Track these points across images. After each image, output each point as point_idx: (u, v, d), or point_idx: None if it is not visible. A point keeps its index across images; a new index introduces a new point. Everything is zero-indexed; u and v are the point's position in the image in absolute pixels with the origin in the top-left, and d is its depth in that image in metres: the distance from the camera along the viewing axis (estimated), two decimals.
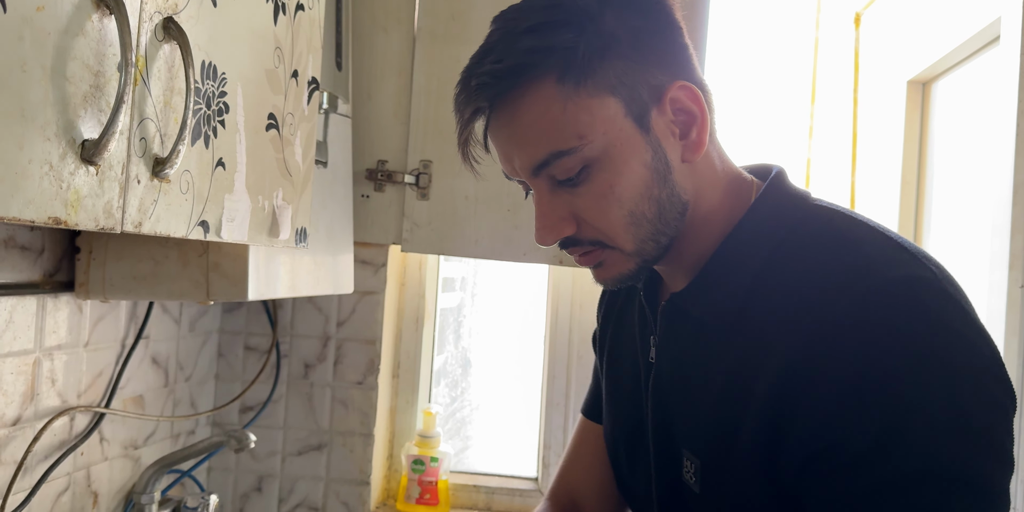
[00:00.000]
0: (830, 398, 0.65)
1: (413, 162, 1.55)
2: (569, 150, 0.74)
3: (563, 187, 0.76)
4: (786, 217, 0.76)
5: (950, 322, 0.65)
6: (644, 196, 0.75)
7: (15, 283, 1.07)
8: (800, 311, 0.69)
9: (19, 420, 1.10)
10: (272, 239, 0.98)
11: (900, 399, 0.63)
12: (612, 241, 0.77)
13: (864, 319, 0.65)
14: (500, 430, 1.89)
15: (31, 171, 0.58)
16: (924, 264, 0.70)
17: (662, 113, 0.76)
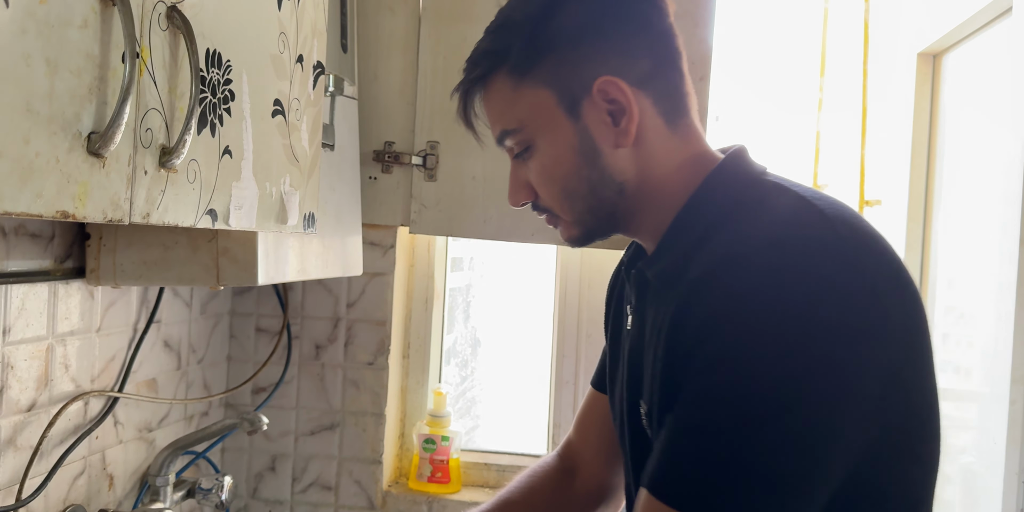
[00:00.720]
0: (680, 351, 0.74)
1: (420, 143, 1.55)
2: (512, 131, 0.88)
3: (519, 160, 0.91)
4: (733, 190, 0.83)
5: (784, 284, 0.70)
6: (574, 176, 0.86)
7: (27, 271, 1.08)
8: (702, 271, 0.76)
9: (34, 405, 1.11)
10: (280, 225, 0.98)
11: (708, 356, 0.71)
12: (556, 211, 0.90)
13: (716, 269, 0.74)
14: (510, 409, 1.90)
15: (38, 165, 0.58)
16: (823, 223, 0.75)
17: (593, 104, 0.85)
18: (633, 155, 0.86)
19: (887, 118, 2.40)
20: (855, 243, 0.74)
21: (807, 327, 0.69)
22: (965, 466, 1.88)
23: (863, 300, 0.71)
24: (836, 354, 0.69)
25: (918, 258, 2.15)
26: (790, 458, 0.69)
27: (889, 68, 2.38)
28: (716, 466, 0.70)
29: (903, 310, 0.74)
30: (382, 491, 1.63)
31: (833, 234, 0.74)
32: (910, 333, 0.75)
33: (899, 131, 2.23)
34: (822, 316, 0.69)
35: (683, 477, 0.71)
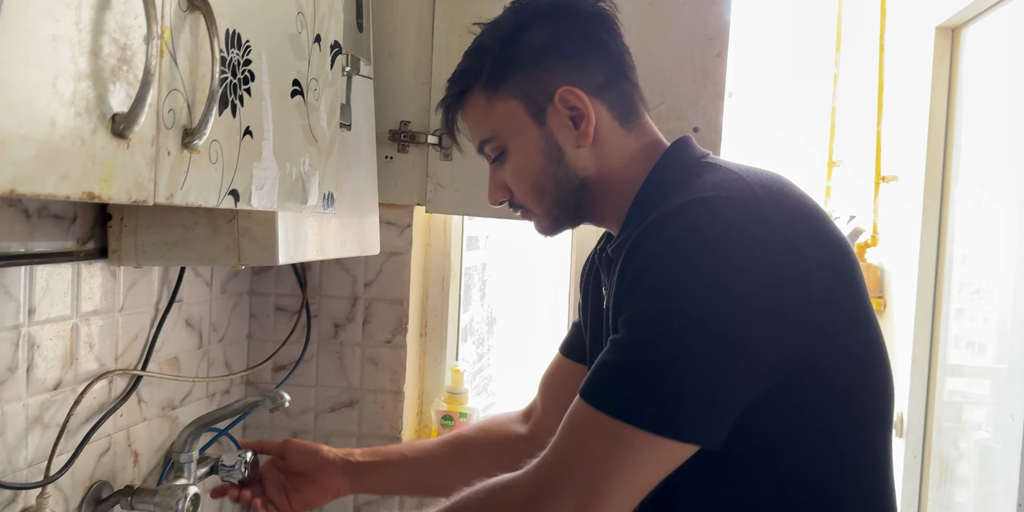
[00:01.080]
0: (622, 292, 0.87)
1: (436, 122, 1.55)
2: (488, 139, 1.03)
3: (496, 164, 1.05)
4: (677, 171, 0.96)
5: (711, 232, 0.83)
6: (541, 174, 1.00)
7: (50, 252, 1.09)
8: None
9: (60, 384, 1.13)
10: (300, 205, 0.99)
11: (640, 290, 0.84)
12: (528, 206, 1.05)
13: (651, 224, 0.86)
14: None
15: (64, 147, 0.59)
16: (744, 187, 0.87)
17: (556, 111, 0.99)
18: (593, 153, 1.00)
19: (904, 93, 2.38)
20: (769, 202, 0.86)
21: (720, 267, 0.81)
22: (980, 442, 1.88)
23: (771, 247, 0.83)
24: (745, 291, 0.81)
25: (935, 234, 2.14)
26: (695, 371, 0.80)
27: (906, 42, 2.36)
28: (633, 373, 0.82)
29: (818, 261, 0.85)
30: None
31: (751, 194, 0.86)
32: (827, 281, 0.85)
33: (916, 106, 2.21)
34: (733, 257, 0.81)
35: (605, 382, 0.84)
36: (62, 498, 1.15)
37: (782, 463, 0.88)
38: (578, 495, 0.81)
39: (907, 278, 2.24)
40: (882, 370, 0.92)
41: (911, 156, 2.27)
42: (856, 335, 0.89)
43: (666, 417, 0.81)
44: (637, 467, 0.81)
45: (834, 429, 0.88)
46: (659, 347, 0.82)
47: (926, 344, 2.16)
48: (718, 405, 0.82)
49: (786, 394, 0.85)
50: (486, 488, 0.91)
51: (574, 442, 0.84)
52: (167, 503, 1.19)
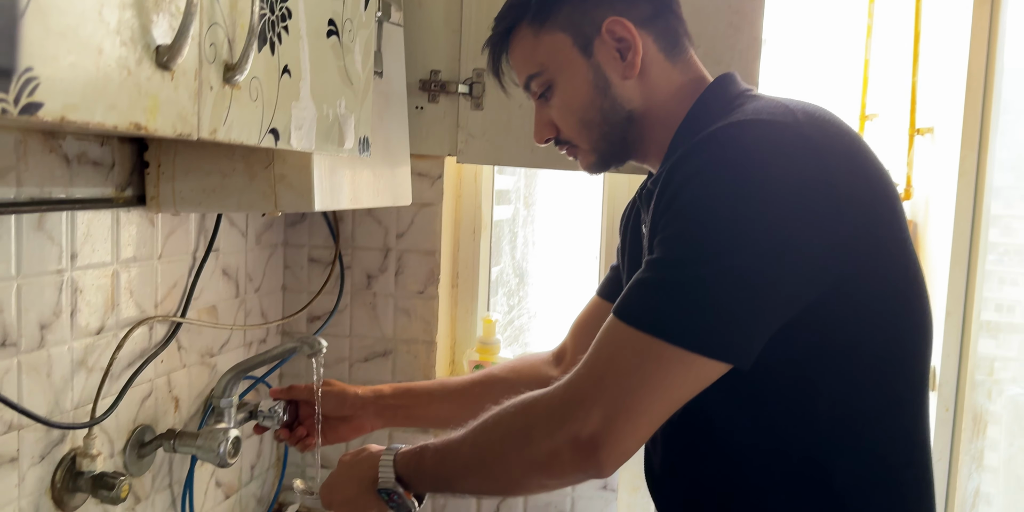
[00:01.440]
0: (658, 213, 0.87)
1: (466, 71, 1.54)
2: (535, 74, 1.03)
3: (543, 101, 1.05)
4: (720, 104, 0.96)
5: (752, 152, 0.83)
6: (588, 106, 1.01)
7: (90, 198, 1.10)
8: None
9: (102, 329, 1.15)
10: (337, 148, 0.99)
11: (678, 207, 0.84)
12: (574, 141, 1.05)
13: (693, 146, 0.86)
14: (557, 337, 1.92)
15: (112, 76, 0.60)
16: (786, 113, 0.86)
17: (604, 42, 0.99)
18: (639, 85, 1.00)
19: (942, 42, 2.33)
20: (811, 126, 0.86)
21: (758, 185, 0.81)
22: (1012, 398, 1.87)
23: (810, 168, 0.82)
24: (783, 209, 0.81)
25: (971, 189, 2.11)
26: (728, 288, 0.80)
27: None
28: (665, 289, 0.83)
29: (857, 188, 0.85)
30: None
31: (792, 118, 0.86)
32: (865, 208, 0.85)
33: (954, 56, 2.16)
34: (771, 175, 0.81)
35: (637, 299, 0.85)
36: (107, 440, 1.18)
37: (815, 387, 0.88)
38: (606, 407, 0.82)
39: (941, 233, 2.22)
40: (920, 303, 0.92)
41: (948, 108, 2.22)
42: (893, 264, 0.88)
43: (697, 333, 0.81)
44: (666, 382, 0.82)
45: (868, 357, 0.88)
46: (693, 264, 0.82)
47: (960, 299, 2.14)
48: (750, 323, 0.82)
49: (820, 317, 0.85)
50: (516, 403, 0.92)
51: (605, 356, 0.85)
52: (209, 446, 1.22)
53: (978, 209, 2.11)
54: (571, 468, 0.85)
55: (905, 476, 0.92)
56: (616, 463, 0.84)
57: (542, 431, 0.86)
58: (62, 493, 1.08)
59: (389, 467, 1.02)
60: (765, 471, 0.91)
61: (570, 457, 0.84)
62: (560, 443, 0.84)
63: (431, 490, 1.03)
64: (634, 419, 0.82)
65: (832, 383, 0.88)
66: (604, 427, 0.82)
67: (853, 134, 0.90)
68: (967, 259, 2.13)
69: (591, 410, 0.83)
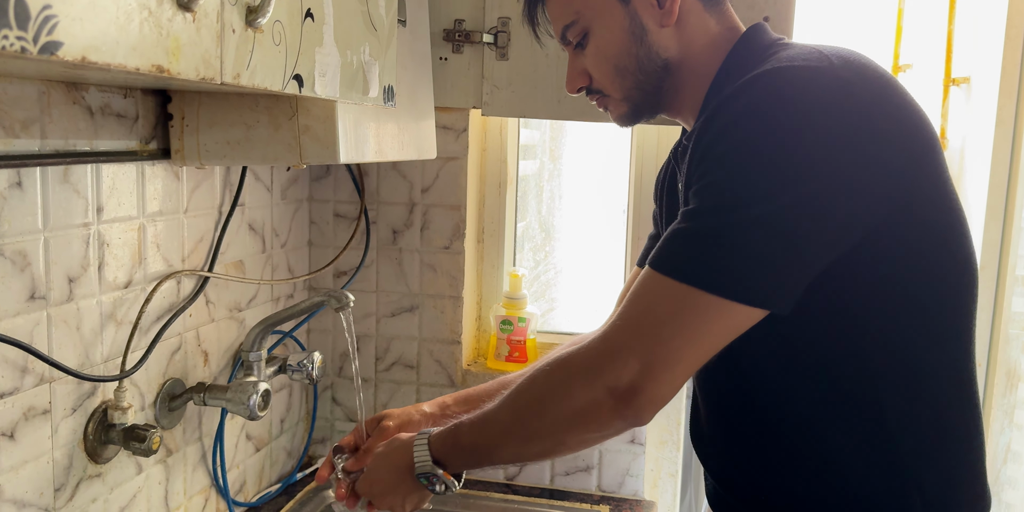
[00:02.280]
0: (695, 160, 0.87)
1: (491, 20, 1.51)
2: (571, 24, 1.02)
3: (577, 51, 1.04)
4: (753, 54, 0.94)
5: (789, 97, 0.82)
6: (624, 53, 1.00)
7: (115, 151, 1.09)
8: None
9: (130, 283, 1.15)
10: (362, 96, 0.97)
11: (715, 156, 0.84)
12: (606, 90, 1.03)
13: (729, 95, 0.85)
14: (584, 292, 1.91)
15: (133, 17, 0.58)
16: (821, 58, 0.85)
17: None
18: (675, 34, 0.99)
19: None
20: (846, 70, 0.84)
21: (793, 131, 0.80)
22: None
23: (847, 112, 0.82)
24: (819, 155, 0.80)
25: (1008, 138, 2.06)
26: (764, 235, 0.80)
27: None
28: (701, 238, 0.82)
29: (895, 131, 0.84)
30: (462, 370, 1.68)
31: (828, 63, 0.85)
32: (904, 150, 0.84)
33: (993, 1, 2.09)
34: (807, 121, 0.80)
35: (672, 249, 0.85)
36: (138, 393, 1.19)
37: (863, 326, 0.88)
38: (643, 356, 0.83)
39: (978, 185, 2.17)
40: (963, 241, 0.91)
41: (985, 57, 2.16)
42: (933, 203, 0.88)
43: (733, 280, 0.81)
44: (704, 330, 0.82)
45: (913, 294, 0.88)
46: (728, 212, 0.81)
47: (995, 252, 2.10)
48: (787, 269, 0.82)
49: (862, 257, 0.84)
50: (551, 361, 0.93)
51: (642, 306, 0.85)
52: (239, 398, 1.22)
53: (1015, 161, 2.06)
54: (611, 416, 0.86)
55: (952, 414, 0.92)
56: (655, 409, 0.85)
57: (580, 383, 0.87)
58: (95, 444, 1.10)
59: (424, 450, 1.02)
60: (818, 414, 0.91)
61: (610, 406, 0.85)
62: (599, 393, 0.85)
63: (470, 466, 1.04)
64: (671, 367, 0.83)
65: (878, 321, 0.88)
66: (642, 375, 0.83)
67: (889, 77, 0.89)
68: (1003, 214, 2.09)
69: (628, 360, 0.83)
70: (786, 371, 0.91)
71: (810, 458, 0.92)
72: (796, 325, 0.87)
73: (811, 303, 0.84)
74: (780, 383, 0.92)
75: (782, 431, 0.94)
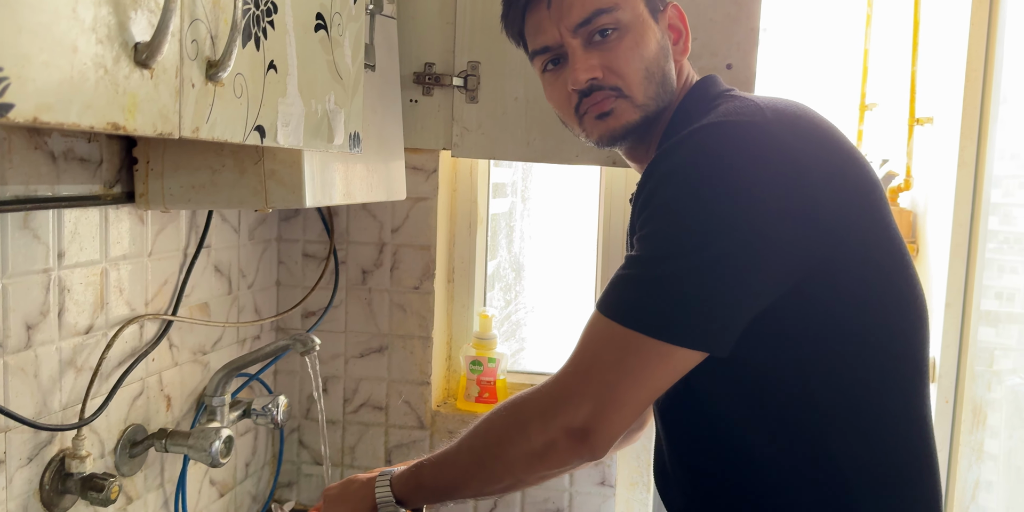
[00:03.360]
0: (636, 211, 0.92)
1: (461, 64, 1.52)
2: (609, 8, 0.99)
3: (595, 46, 1.00)
4: (701, 104, 0.99)
5: (721, 153, 0.87)
6: (657, 61, 1.01)
7: (78, 195, 1.08)
8: None
9: (91, 328, 1.14)
10: (327, 144, 0.97)
11: (653, 207, 0.89)
12: (628, 88, 1.01)
13: (669, 148, 0.90)
14: (554, 331, 1.91)
15: (87, 75, 0.58)
16: (757, 113, 0.90)
17: (663, 19, 1.04)
18: (676, 71, 1.05)
19: (941, 31, 2.31)
20: (778, 124, 0.89)
21: (725, 184, 0.85)
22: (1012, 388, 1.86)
23: (775, 164, 0.86)
24: (750, 206, 0.85)
25: (970, 179, 2.09)
26: (700, 281, 0.85)
27: None
28: (641, 284, 0.88)
29: (828, 178, 0.88)
30: (431, 411, 1.66)
31: (761, 117, 0.89)
32: (838, 197, 0.88)
33: (954, 45, 2.14)
34: (737, 174, 0.85)
35: (615, 294, 0.90)
36: (98, 441, 1.17)
37: (806, 371, 0.91)
38: (594, 399, 0.88)
39: (941, 223, 2.20)
40: (907, 284, 0.94)
41: (947, 97, 2.21)
42: (877, 247, 0.92)
43: (672, 324, 0.86)
44: (648, 373, 0.87)
45: (858, 340, 0.91)
46: (666, 260, 0.87)
47: (960, 290, 2.13)
48: (722, 312, 0.87)
49: (803, 303, 0.89)
50: (505, 405, 0.97)
51: (589, 352, 0.91)
52: (201, 445, 1.20)
53: (977, 199, 2.09)
54: (568, 455, 0.91)
55: (903, 454, 0.94)
56: (607, 446, 0.90)
57: (536, 425, 0.91)
58: (51, 495, 1.07)
59: (387, 489, 1.06)
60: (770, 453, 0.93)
61: (567, 445, 0.90)
62: (555, 434, 0.90)
63: (432, 502, 1.08)
64: (620, 409, 0.88)
65: (826, 361, 0.91)
66: (594, 417, 0.88)
67: (824, 127, 0.94)
68: (967, 250, 2.11)
69: (580, 403, 0.89)
70: (742, 411, 0.94)
71: (765, 495, 0.94)
72: (749, 366, 0.90)
73: (760, 344, 0.89)
74: (737, 422, 0.94)
75: (739, 469, 0.96)
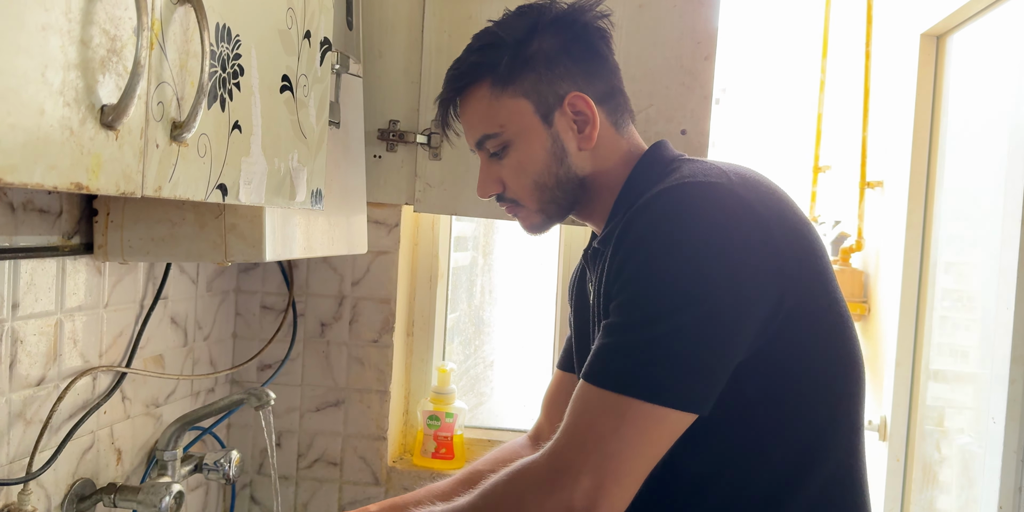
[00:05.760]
0: (611, 276, 0.92)
1: (425, 122, 1.55)
2: (493, 134, 1.05)
3: (493, 160, 1.07)
4: (657, 168, 1.02)
5: (693, 212, 0.88)
6: (544, 171, 1.05)
7: (35, 246, 1.08)
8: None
9: (43, 380, 1.12)
10: (288, 201, 0.99)
11: (629, 272, 0.89)
12: (522, 201, 1.08)
13: (636, 210, 0.91)
14: (513, 386, 1.91)
15: (53, 137, 0.59)
16: (720, 175, 0.93)
17: (563, 114, 1.04)
18: (591, 155, 1.06)
19: (890, 99, 2.40)
20: (742, 186, 0.92)
21: (700, 243, 0.87)
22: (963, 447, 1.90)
23: (745, 224, 0.88)
24: (726, 264, 0.86)
25: (919, 239, 2.16)
26: (687, 342, 0.85)
27: (892, 49, 2.38)
28: (630, 350, 0.87)
29: (788, 238, 0.91)
30: (387, 467, 1.65)
31: (726, 179, 0.92)
32: (797, 256, 0.91)
33: (901, 113, 2.23)
34: (711, 233, 0.87)
35: (604, 362, 0.89)
36: (44, 495, 1.14)
37: (758, 426, 0.93)
38: (593, 473, 0.85)
39: (891, 283, 2.26)
40: (850, 345, 0.97)
41: (896, 162, 2.29)
42: (823, 308, 0.94)
43: (666, 387, 0.85)
44: (646, 440, 0.86)
45: (803, 396, 0.93)
46: (650, 324, 0.86)
47: (909, 349, 2.17)
48: (711, 373, 0.87)
49: (763, 359, 0.90)
50: (504, 475, 0.94)
51: (583, 423, 0.88)
52: (150, 501, 1.19)
53: (925, 259, 2.15)
54: None
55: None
56: None
57: (533, 502, 0.88)
58: None
59: None
60: (726, 506, 0.95)
61: None
62: (555, 511, 0.87)
63: None
64: (621, 480, 0.85)
65: (778, 421, 0.93)
66: (596, 492, 0.85)
67: (780, 193, 0.97)
68: (915, 309, 2.17)
69: (579, 478, 0.85)
70: (699, 464, 0.95)
71: None
72: (708, 421, 0.90)
73: (722, 404, 0.89)
74: (694, 475, 0.96)
75: None
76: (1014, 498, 1.50)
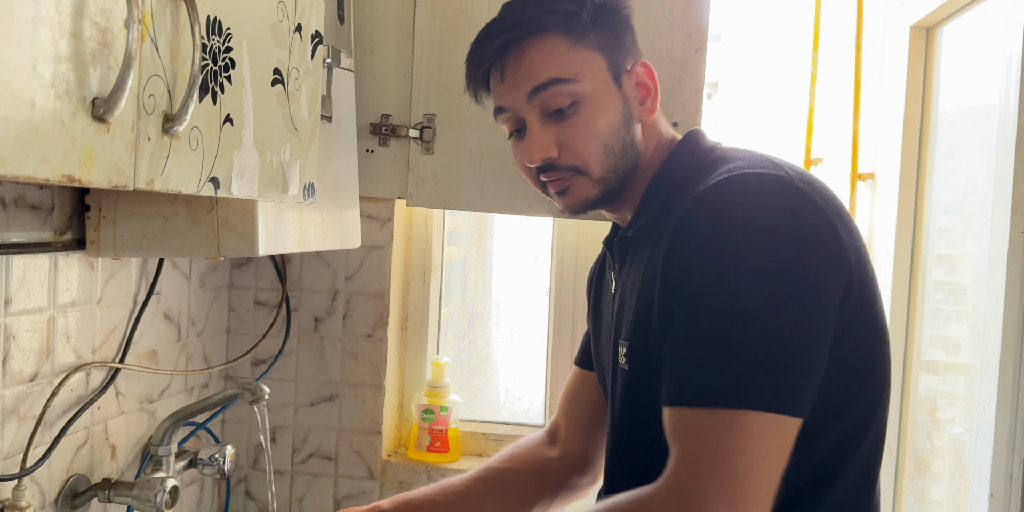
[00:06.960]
0: (673, 265, 0.87)
1: (417, 116, 1.55)
2: (566, 80, 0.96)
3: (552, 120, 0.97)
4: (692, 159, 0.98)
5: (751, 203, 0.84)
6: (615, 134, 0.97)
7: (27, 242, 1.08)
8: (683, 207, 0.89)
9: (36, 376, 1.12)
10: (281, 195, 0.99)
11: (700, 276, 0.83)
12: (585, 166, 0.98)
13: (698, 200, 0.86)
14: (507, 379, 1.92)
15: (44, 129, 0.59)
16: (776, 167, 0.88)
17: (630, 80, 1.00)
18: (646, 131, 1.02)
19: (880, 92, 2.41)
20: (800, 180, 0.88)
21: (776, 238, 0.82)
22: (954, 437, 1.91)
23: (815, 218, 0.85)
24: (804, 260, 0.82)
25: (909, 232, 2.17)
26: (784, 345, 0.80)
27: (883, 41, 2.38)
28: (726, 360, 0.80)
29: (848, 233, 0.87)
30: (382, 461, 1.65)
31: (784, 172, 0.88)
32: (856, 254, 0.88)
33: (892, 105, 2.24)
34: (788, 231, 0.82)
35: (702, 379, 0.81)
36: (38, 491, 1.14)
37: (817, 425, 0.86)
38: (729, 499, 0.78)
39: (883, 276, 2.26)
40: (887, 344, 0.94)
41: (887, 155, 2.29)
42: (876, 308, 0.91)
43: (780, 394, 0.80)
44: (772, 451, 0.80)
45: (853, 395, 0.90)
46: (740, 330, 0.80)
47: (901, 339, 2.18)
48: (813, 373, 0.82)
49: (830, 356, 0.85)
50: (627, 501, 0.86)
51: (701, 446, 0.80)
52: (145, 496, 1.19)
53: (916, 251, 2.16)
54: None
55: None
56: None
57: None
58: None
59: None
60: None
61: None
62: None
63: None
64: (759, 499, 0.79)
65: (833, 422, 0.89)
66: None
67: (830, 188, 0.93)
68: (907, 303, 2.18)
69: (718, 507, 0.78)
70: None
71: None
72: None
73: None
74: None
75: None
76: (1005, 486, 1.51)
